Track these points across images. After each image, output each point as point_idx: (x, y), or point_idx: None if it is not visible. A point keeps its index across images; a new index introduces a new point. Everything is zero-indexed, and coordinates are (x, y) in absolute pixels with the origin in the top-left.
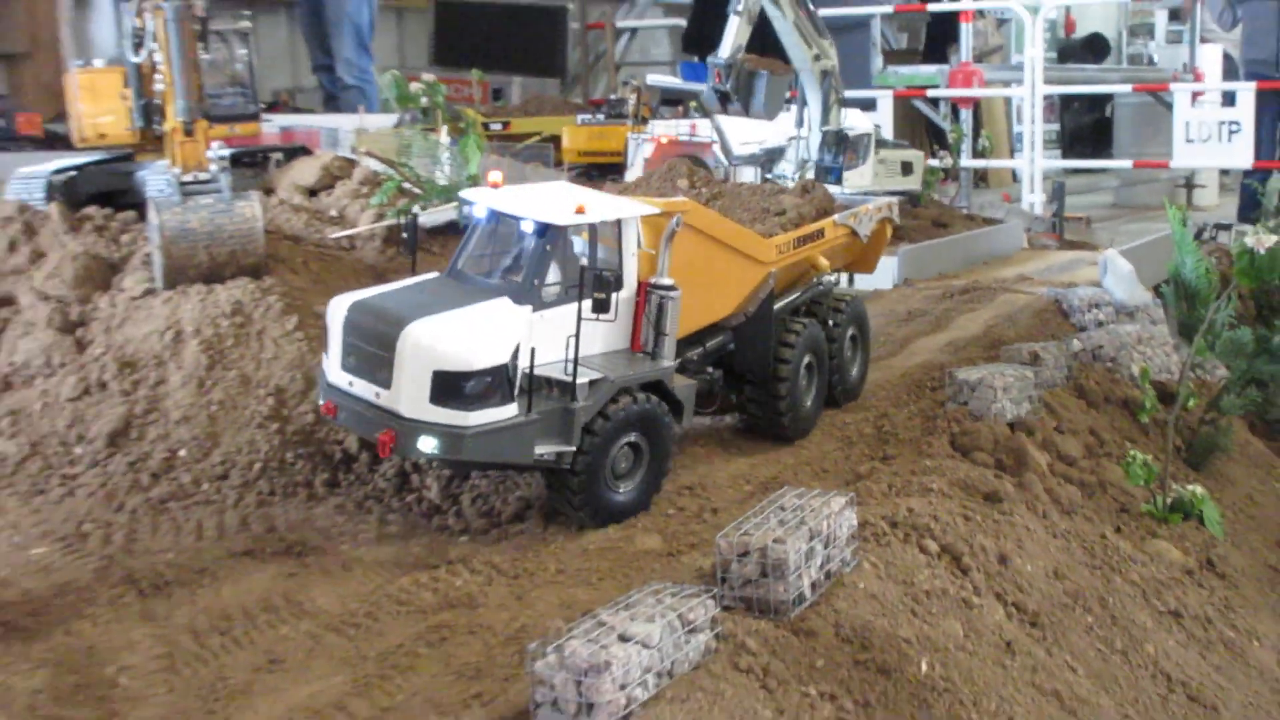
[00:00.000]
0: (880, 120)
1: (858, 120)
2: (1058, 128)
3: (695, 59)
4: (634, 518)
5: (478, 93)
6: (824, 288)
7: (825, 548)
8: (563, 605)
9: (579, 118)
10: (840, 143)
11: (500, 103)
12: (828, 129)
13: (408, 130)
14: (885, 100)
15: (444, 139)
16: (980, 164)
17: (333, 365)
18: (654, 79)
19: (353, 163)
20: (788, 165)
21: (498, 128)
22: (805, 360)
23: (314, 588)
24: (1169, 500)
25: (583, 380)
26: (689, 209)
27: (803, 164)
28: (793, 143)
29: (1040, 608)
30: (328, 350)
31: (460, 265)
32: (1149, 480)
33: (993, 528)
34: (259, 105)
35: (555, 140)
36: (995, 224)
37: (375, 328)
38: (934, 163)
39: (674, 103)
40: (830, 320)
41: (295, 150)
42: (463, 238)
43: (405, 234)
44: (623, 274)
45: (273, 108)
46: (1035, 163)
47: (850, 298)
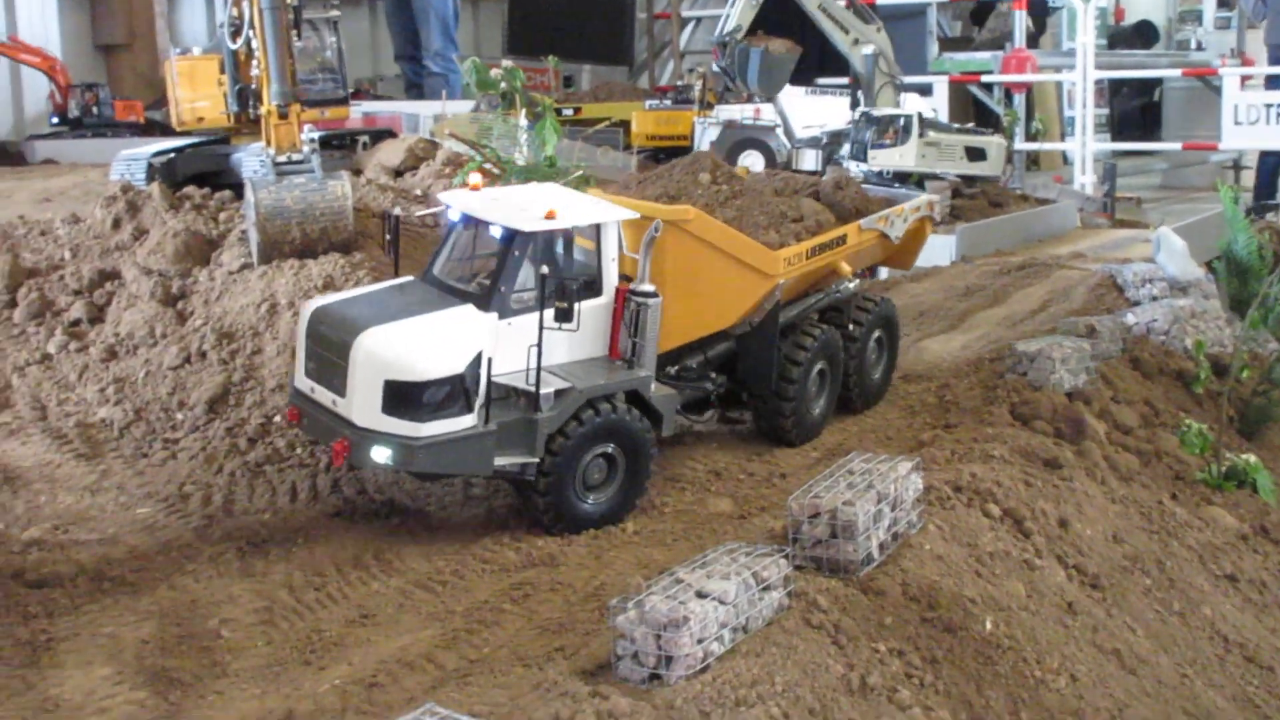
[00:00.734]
0: (936, 105)
1: (917, 104)
2: (1107, 112)
3: None
4: (706, 483)
5: (550, 80)
6: (844, 293)
7: (892, 510)
8: (639, 564)
9: (647, 103)
10: (871, 123)
11: (571, 89)
12: (863, 110)
13: (489, 114)
14: (941, 85)
15: (523, 122)
16: (1034, 147)
17: (298, 371)
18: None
19: (436, 145)
20: (848, 148)
21: (569, 113)
22: (817, 368)
23: (403, 547)
24: (1223, 469)
25: (547, 390)
26: (692, 217)
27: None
28: (851, 126)
29: (1100, 570)
30: (296, 356)
31: (435, 270)
32: (1203, 449)
33: (1053, 493)
34: (348, 90)
35: (624, 125)
36: (1048, 204)
37: (332, 334)
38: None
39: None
40: (853, 323)
41: (381, 133)
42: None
43: (388, 235)
44: (602, 280)
45: (355, 95)
46: (1087, 145)
47: (879, 299)
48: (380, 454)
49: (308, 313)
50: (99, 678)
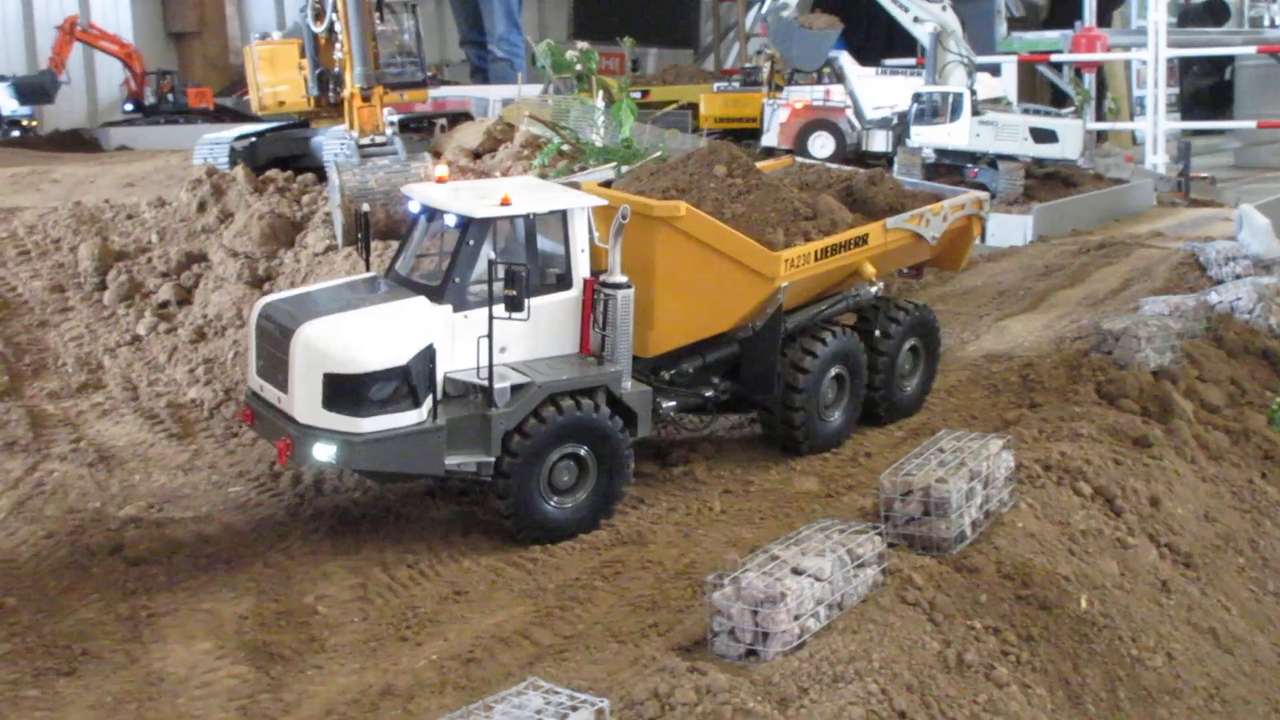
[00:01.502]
0: (1005, 85)
1: (990, 85)
2: (1177, 91)
3: None
4: (791, 462)
5: (616, 64)
6: (864, 297)
7: (984, 488)
8: (728, 542)
9: (715, 86)
10: (920, 102)
11: (638, 72)
12: (918, 90)
13: (565, 96)
14: (1009, 65)
15: (599, 104)
16: (1106, 126)
17: (250, 370)
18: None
19: (513, 127)
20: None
21: (638, 96)
22: (832, 373)
23: (491, 525)
24: None
25: (502, 385)
26: (683, 213)
27: None
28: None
29: (1193, 549)
30: (248, 355)
31: (398, 264)
32: None
33: (1143, 471)
34: (427, 73)
35: (693, 108)
36: (1122, 183)
37: (275, 330)
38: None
39: None
40: (881, 330)
41: (457, 116)
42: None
43: (359, 232)
44: (571, 272)
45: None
46: (1159, 124)
47: (915, 306)
48: (323, 452)
49: (257, 309)
50: (200, 652)
